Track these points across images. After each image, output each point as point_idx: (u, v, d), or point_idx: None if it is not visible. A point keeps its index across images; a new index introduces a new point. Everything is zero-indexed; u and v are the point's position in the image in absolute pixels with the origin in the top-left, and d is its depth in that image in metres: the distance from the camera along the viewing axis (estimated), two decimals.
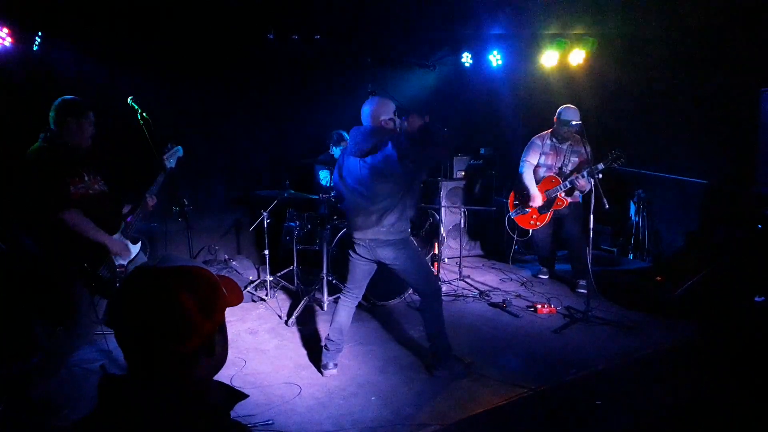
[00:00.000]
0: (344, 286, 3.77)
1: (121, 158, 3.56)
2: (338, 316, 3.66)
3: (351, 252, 3.62)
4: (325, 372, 3.65)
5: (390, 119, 3.41)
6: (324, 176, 5.69)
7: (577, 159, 5.35)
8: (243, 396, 1.17)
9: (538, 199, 5.36)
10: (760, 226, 5.01)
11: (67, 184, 2.99)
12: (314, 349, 4.07)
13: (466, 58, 6.96)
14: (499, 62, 6.89)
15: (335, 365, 3.68)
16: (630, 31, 5.99)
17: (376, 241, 3.42)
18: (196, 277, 1.16)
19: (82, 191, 3.06)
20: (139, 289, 1.12)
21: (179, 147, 3.59)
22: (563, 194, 5.31)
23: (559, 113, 5.25)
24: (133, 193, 3.48)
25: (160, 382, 1.08)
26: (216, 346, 1.18)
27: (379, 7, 5.44)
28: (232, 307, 1.24)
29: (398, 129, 3.42)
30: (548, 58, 6.57)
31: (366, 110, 3.44)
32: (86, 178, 3.10)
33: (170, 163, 3.52)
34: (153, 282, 1.12)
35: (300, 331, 4.42)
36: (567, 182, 5.23)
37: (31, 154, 2.99)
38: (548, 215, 5.43)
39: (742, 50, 5.36)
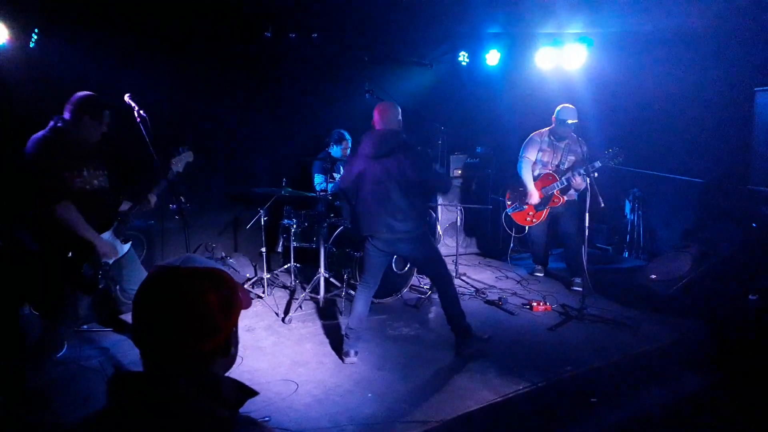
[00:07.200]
0: (361, 278, 4.04)
1: (123, 155, 3.54)
2: (357, 305, 3.90)
3: (368, 246, 3.86)
4: (346, 359, 3.81)
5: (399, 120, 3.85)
6: (319, 182, 5.68)
7: (573, 158, 5.39)
8: (254, 393, 1.20)
9: (534, 197, 5.40)
10: (754, 224, 5.05)
11: (63, 177, 2.98)
12: (311, 346, 4.09)
13: (463, 57, 6.96)
14: (496, 61, 6.90)
15: (356, 353, 3.84)
16: (626, 30, 6.01)
17: (395, 237, 3.75)
18: (219, 279, 1.20)
19: (80, 186, 3.06)
20: (167, 287, 1.14)
21: (190, 152, 3.57)
22: (559, 192, 5.35)
23: (558, 112, 5.30)
24: (134, 190, 3.47)
25: (177, 379, 1.10)
26: (231, 346, 1.23)
27: (377, 6, 5.44)
28: None
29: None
30: (544, 57, 6.58)
31: (383, 114, 3.81)
32: (85, 174, 3.09)
33: (177, 167, 3.51)
34: (181, 281, 1.15)
35: (297, 328, 4.44)
36: (564, 179, 5.27)
37: (33, 142, 2.97)
38: (545, 212, 5.48)
39: (737, 50, 5.40)
